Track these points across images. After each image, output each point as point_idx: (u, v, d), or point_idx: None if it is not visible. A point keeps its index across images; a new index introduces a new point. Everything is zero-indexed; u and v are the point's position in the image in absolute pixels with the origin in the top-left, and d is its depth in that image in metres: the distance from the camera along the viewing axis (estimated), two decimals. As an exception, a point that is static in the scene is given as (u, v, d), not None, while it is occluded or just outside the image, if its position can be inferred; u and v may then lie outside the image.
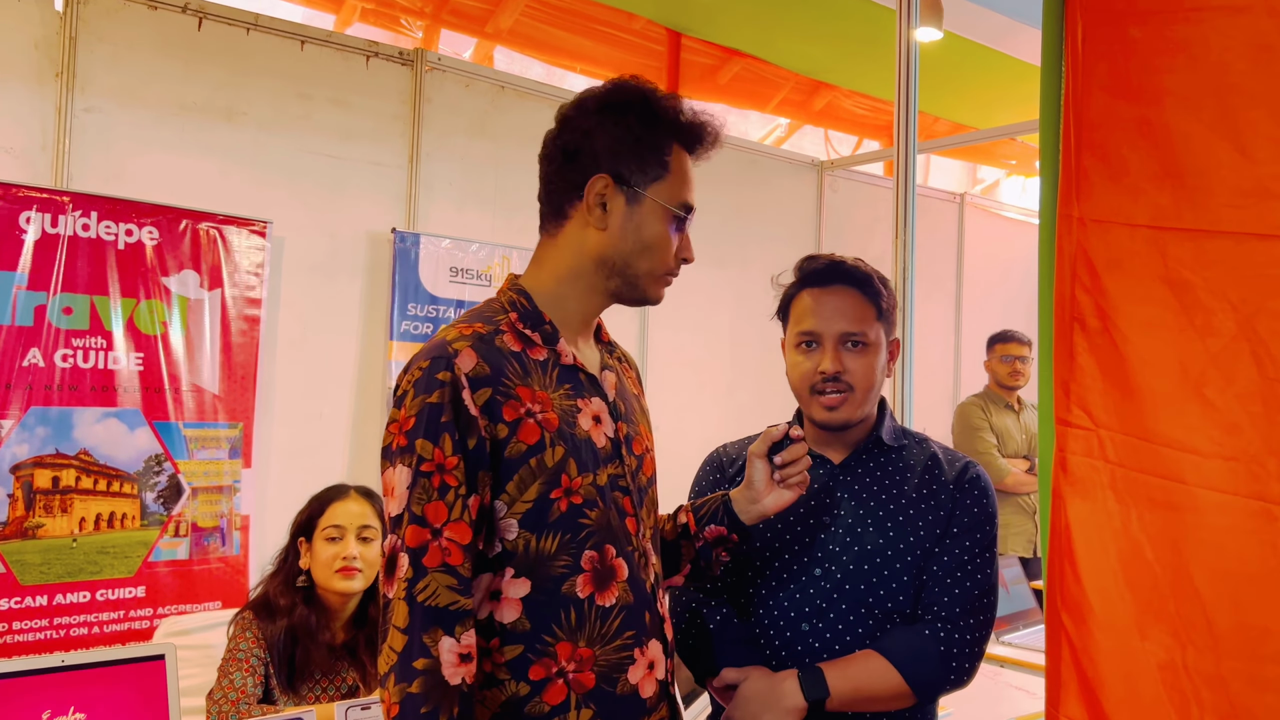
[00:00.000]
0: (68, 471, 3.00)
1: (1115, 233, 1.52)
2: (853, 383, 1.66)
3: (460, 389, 1.25)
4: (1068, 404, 1.57)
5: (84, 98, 3.20)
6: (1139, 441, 1.48)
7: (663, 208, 1.38)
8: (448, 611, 1.21)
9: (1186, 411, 1.42)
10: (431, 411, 1.24)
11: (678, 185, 1.40)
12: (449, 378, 1.25)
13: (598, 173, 1.36)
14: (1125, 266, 1.51)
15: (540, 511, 1.29)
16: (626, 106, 1.37)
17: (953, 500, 1.68)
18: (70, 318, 3.02)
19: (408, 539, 1.21)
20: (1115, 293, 1.52)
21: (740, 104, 5.55)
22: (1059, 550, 1.57)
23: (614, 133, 1.36)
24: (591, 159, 1.36)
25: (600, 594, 1.32)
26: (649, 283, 1.42)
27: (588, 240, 1.38)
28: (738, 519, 1.58)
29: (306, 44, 3.62)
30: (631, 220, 1.37)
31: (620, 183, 1.36)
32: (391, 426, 1.27)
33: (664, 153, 1.39)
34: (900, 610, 1.62)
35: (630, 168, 1.36)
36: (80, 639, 3.00)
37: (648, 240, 1.38)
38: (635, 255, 1.38)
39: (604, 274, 1.39)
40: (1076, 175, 1.57)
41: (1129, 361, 1.50)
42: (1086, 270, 1.56)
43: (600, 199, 1.36)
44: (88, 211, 3.04)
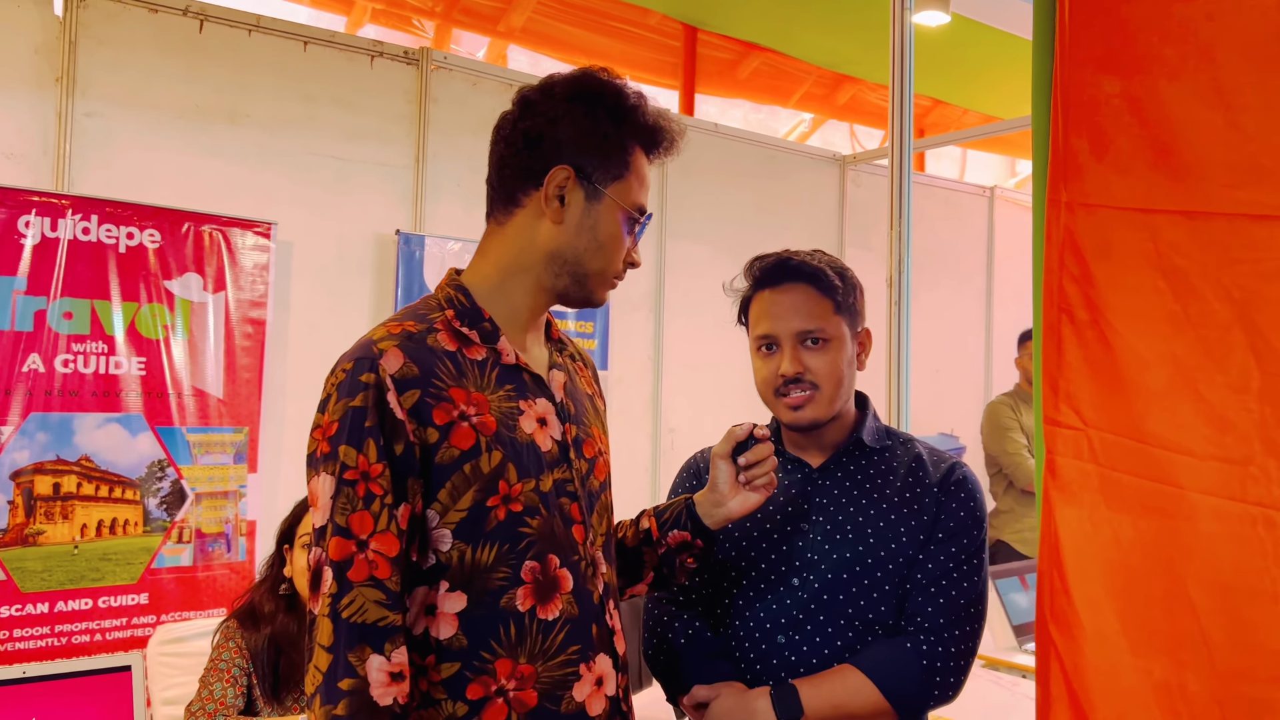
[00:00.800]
0: (69, 478, 2.99)
1: (1104, 217, 1.43)
2: (816, 381, 1.58)
3: (385, 391, 1.18)
4: (1056, 402, 1.47)
5: (85, 102, 3.20)
6: (1129, 442, 1.38)
7: (620, 208, 1.32)
8: (375, 628, 1.14)
9: (1179, 409, 1.32)
10: (354, 416, 1.17)
11: (636, 187, 1.34)
12: (373, 380, 1.18)
13: (560, 163, 1.29)
14: (1114, 253, 1.41)
15: (476, 521, 1.22)
16: (597, 99, 1.31)
17: (937, 504, 1.59)
18: (71, 322, 3.01)
19: (331, 551, 1.15)
20: (1104, 281, 1.42)
21: (761, 99, 5.46)
22: (1048, 560, 1.48)
23: (582, 125, 1.29)
24: (555, 148, 1.29)
25: (542, 607, 1.25)
26: (597, 283, 1.35)
27: (540, 232, 1.32)
28: (701, 523, 1.50)
29: (310, 44, 3.60)
30: (589, 217, 1.31)
31: (582, 177, 1.30)
32: (315, 433, 1.20)
33: (627, 152, 1.32)
34: (882, 622, 1.54)
35: (594, 163, 1.30)
36: (82, 646, 2.99)
37: (603, 239, 1.32)
38: (588, 254, 1.32)
39: (553, 270, 1.33)
40: (1064, 157, 1.48)
41: (1118, 355, 1.40)
42: (1074, 258, 1.46)
43: (560, 191, 1.30)
44: (88, 215, 3.04)
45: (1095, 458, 1.41)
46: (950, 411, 5.37)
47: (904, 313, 2.13)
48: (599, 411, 1.50)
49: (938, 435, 5.10)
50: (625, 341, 4.37)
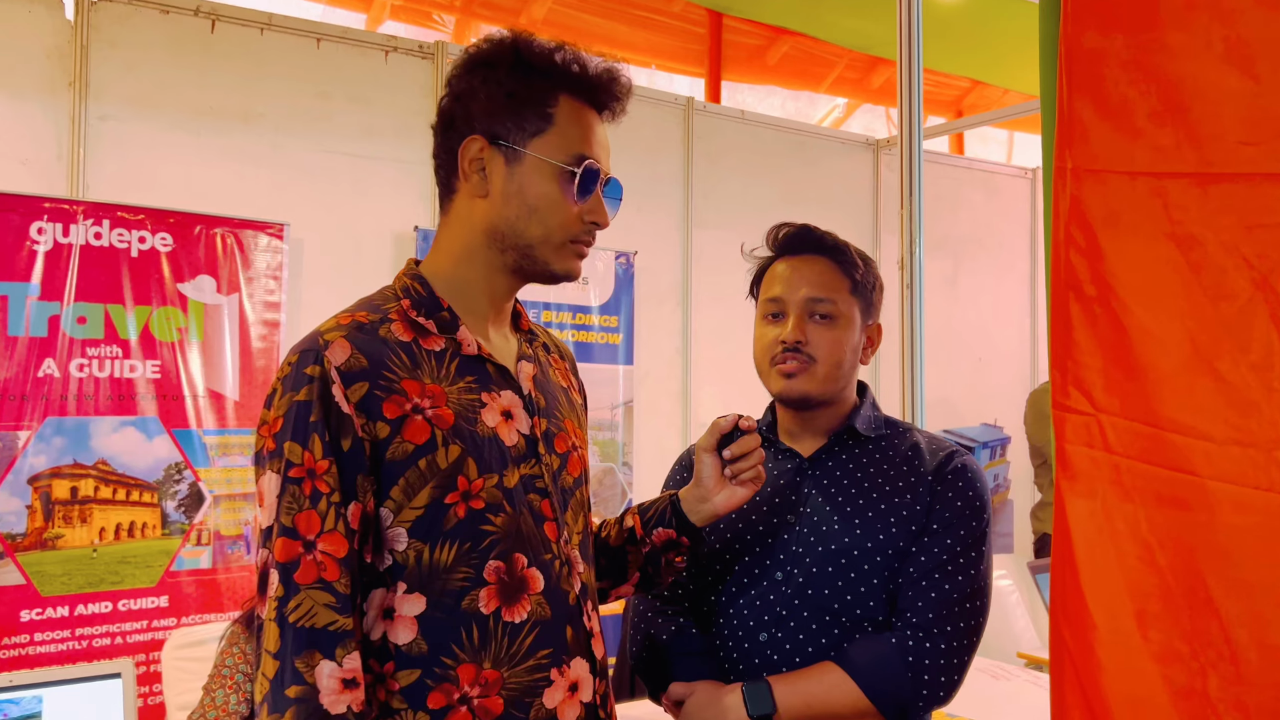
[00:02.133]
0: (86, 481, 2.98)
1: (1112, 183, 1.31)
2: (815, 354, 1.50)
3: (330, 384, 1.11)
4: (1065, 385, 1.37)
5: (98, 106, 3.20)
6: (1143, 427, 1.27)
7: (547, 164, 1.23)
8: (325, 633, 1.07)
9: (1196, 390, 1.21)
10: (299, 410, 1.10)
11: (567, 138, 1.24)
12: (318, 372, 1.12)
13: (471, 134, 1.22)
14: (1124, 222, 1.30)
15: (433, 519, 1.15)
16: (495, 60, 1.24)
17: (932, 493, 1.49)
18: (84, 327, 3.00)
19: (278, 553, 1.08)
20: (1113, 253, 1.31)
21: (792, 85, 5.34)
22: (1061, 556, 1.37)
23: (484, 90, 1.23)
24: (465, 122, 1.23)
25: (508, 609, 1.18)
26: (547, 252, 1.26)
27: (474, 212, 1.25)
28: (687, 520, 1.43)
29: (323, 41, 3.57)
30: (513, 181, 1.23)
31: (496, 142, 1.23)
32: (261, 429, 1.14)
33: (545, 104, 1.24)
34: (871, 618, 1.45)
35: (505, 125, 1.23)
36: (103, 650, 2.98)
37: (533, 202, 1.23)
38: (523, 221, 1.24)
39: (496, 248, 1.25)
40: (1069, 119, 1.37)
41: (1130, 333, 1.29)
42: (1081, 229, 1.35)
43: (478, 164, 1.23)
44: (99, 220, 3.03)
45: (1107, 445, 1.30)
46: (994, 401, 5.21)
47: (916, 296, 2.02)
48: (575, 405, 1.42)
49: (980, 425, 4.94)
50: (652, 335, 4.28)
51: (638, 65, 4.98)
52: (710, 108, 4.55)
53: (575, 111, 1.26)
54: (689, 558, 1.48)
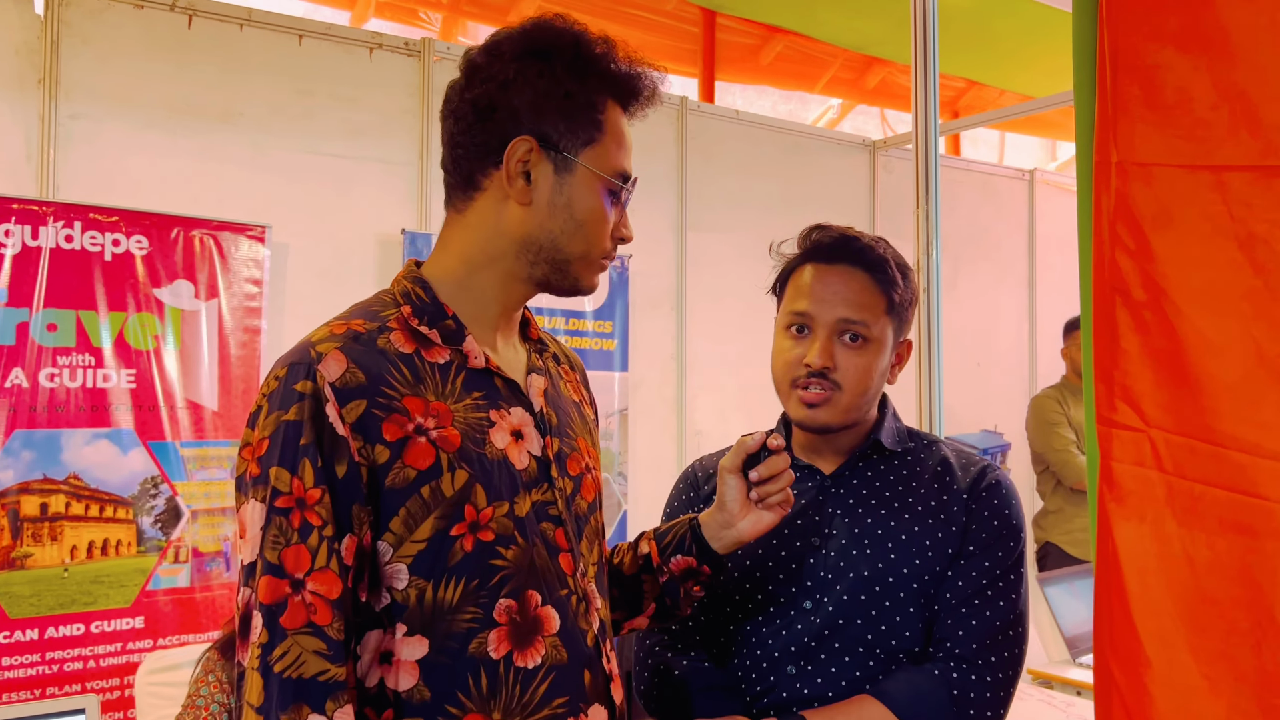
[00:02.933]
0: (57, 497, 2.85)
1: (1165, 177, 1.20)
2: (841, 382, 1.39)
3: (324, 402, 1.00)
4: (1110, 399, 1.25)
5: (69, 104, 3.07)
6: (1202, 445, 1.16)
7: (598, 177, 1.13)
8: (315, 684, 0.96)
9: (1263, 404, 1.10)
10: (288, 431, 0.99)
11: (614, 150, 1.15)
12: (309, 389, 1.00)
13: (520, 134, 1.10)
14: (1179, 220, 1.19)
15: (437, 553, 1.04)
16: (552, 52, 1.11)
17: (967, 512, 1.39)
18: (55, 335, 2.87)
19: (261, 593, 0.97)
20: (1166, 255, 1.20)
21: (786, 85, 5.24)
22: (1107, 584, 1.25)
23: (538, 85, 1.10)
24: (511, 117, 1.10)
25: (520, 653, 1.07)
26: (582, 268, 1.16)
27: (507, 217, 1.13)
28: (709, 547, 1.31)
29: (305, 38, 3.45)
30: (562, 193, 1.12)
31: (547, 147, 1.11)
32: (244, 451, 1.03)
33: (597, 110, 1.13)
34: (907, 649, 1.34)
35: (559, 128, 1.11)
36: (75, 674, 2.85)
37: (581, 217, 1.13)
38: (567, 236, 1.13)
39: (527, 258, 1.14)
40: (1114, 107, 1.25)
41: (1187, 342, 1.17)
42: (1128, 228, 1.23)
43: (523, 166, 1.11)
44: (70, 222, 2.90)
45: (1160, 464, 1.19)
46: (993, 407, 5.12)
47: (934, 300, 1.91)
48: (588, 421, 1.30)
49: (980, 432, 4.85)
50: (646, 341, 4.17)
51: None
52: (704, 107, 4.44)
53: (618, 120, 1.16)
54: (707, 589, 1.36)
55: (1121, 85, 1.22)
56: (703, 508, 1.49)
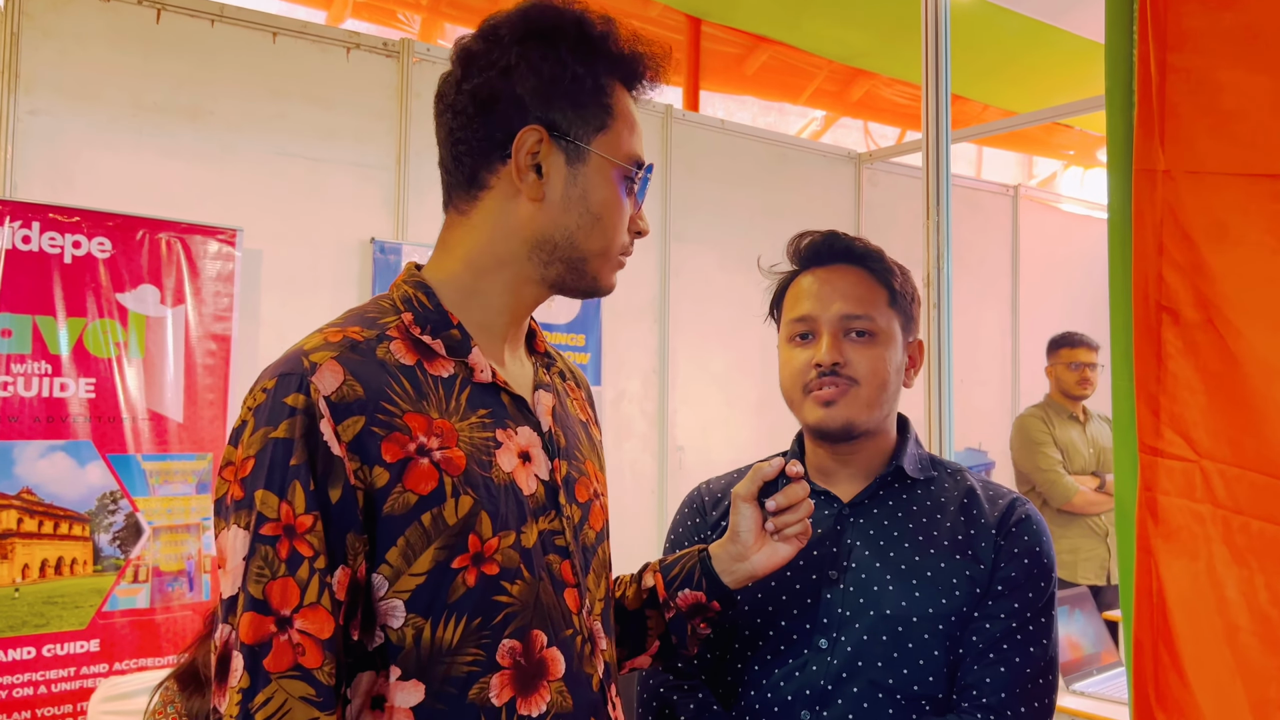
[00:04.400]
0: (8, 513, 2.69)
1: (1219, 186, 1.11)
2: (856, 376, 1.30)
3: (317, 418, 0.90)
4: (1156, 426, 1.16)
5: (29, 99, 2.92)
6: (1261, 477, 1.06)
7: (613, 165, 1.04)
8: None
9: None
10: (276, 450, 0.89)
11: (625, 134, 1.06)
12: (302, 403, 0.90)
13: (527, 124, 1.01)
14: (1235, 233, 1.10)
15: (436, 587, 0.93)
16: (555, 33, 1.03)
17: (996, 549, 1.30)
18: (9, 341, 2.72)
19: (243, 632, 0.86)
20: (1221, 270, 1.11)
21: (770, 95, 5.17)
22: (1150, 626, 1.16)
23: (542, 69, 1.01)
24: (515, 107, 1.01)
25: (524, 699, 0.97)
26: (600, 266, 1.07)
27: (517, 214, 1.04)
28: (719, 581, 1.21)
29: (279, 36, 3.32)
30: (576, 185, 1.03)
31: (558, 136, 1.02)
32: (225, 471, 0.92)
33: (605, 94, 1.04)
34: (929, 695, 1.25)
35: (568, 115, 1.02)
36: (24, 700, 2.69)
37: (597, 209, 1.04)
38: (583, 232, 1.04)
39: (541, 258, 1.05)
40: (1160, 112, 1.16)
41: (1243, 365, 1.08)
42: (1178, 241, 1.14)
43: (533, 159, 1.02)
44: (28, 222, 2.75)
45: (1213, 497, 1.10)
46: (976, 425, 5.06)
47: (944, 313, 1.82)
48: (595, 443, 1.20)
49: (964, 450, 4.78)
50: (626, 354, 4.07)
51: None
52: (689, 116, 4.35)
53: (625, 102, 1.07)
54: (716, 626, 1.26)
55: (1169, 88, 1.13)
56: (711, 535, 1.39)
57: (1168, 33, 1.14)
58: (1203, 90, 1.11)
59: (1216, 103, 1.10)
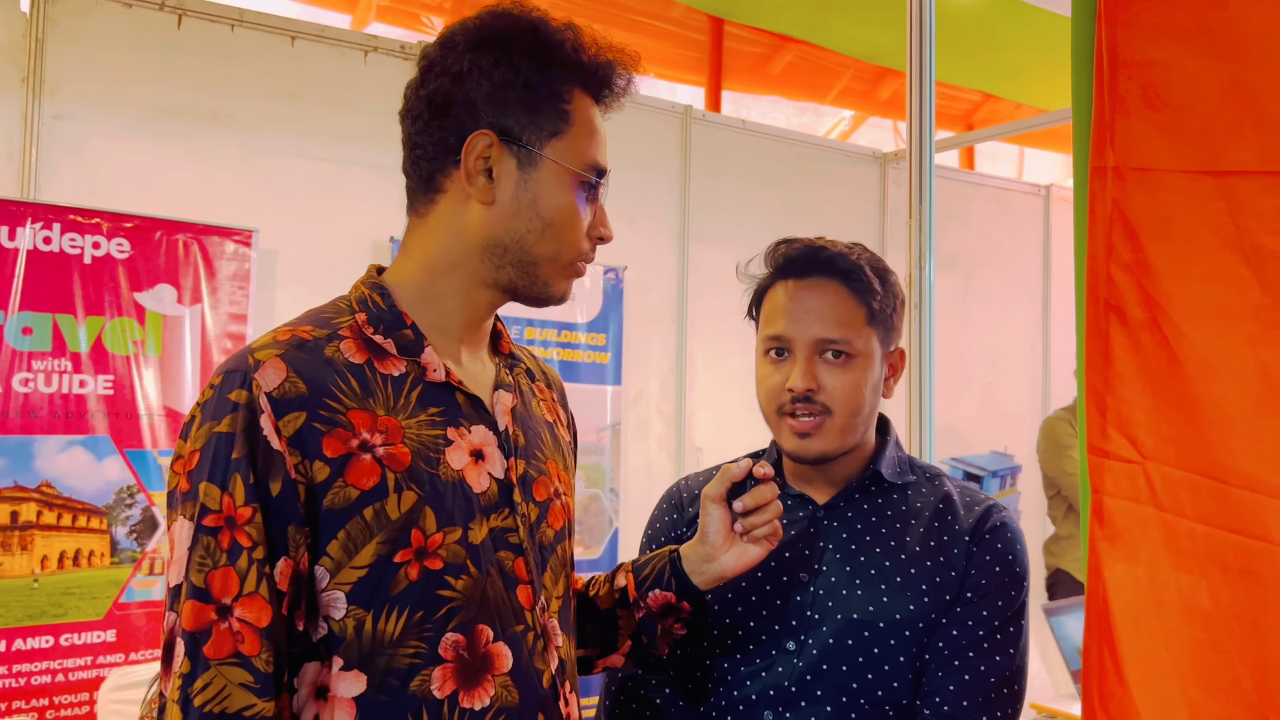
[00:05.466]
0: (28, 505, 2.77)
1: (1165, 183, 1.09)
2: (830, 404, 1.29)
3: (258, 413, 0.93)
4: (1103, 427, 1.14)
5: (53, 103, 3.01)
6: (1202, 480, 1.04)
7: (567, 171, 1.06)
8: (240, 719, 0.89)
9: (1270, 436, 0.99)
10: (219, 444, 0.93)
11: (583, 141, 1.07)
12: (244, 399, 0.94)
13: (478, 129, 1.03)
14: (1180, 231, 1.08)
15: (378, 581, 0.96)
16: (509, 40, 1.05)
17: (968, 556, 1.29)
18: (30, 339, 2.80)
19: (185, 619, 0.90)
20: (1165, 268, 1.09)
21: (796, 95, 5.15)
22: (1095, 630, 1.14)
23: (495, 75, 1.04)
24: (468, 111, 1.04)
25: (466, 692, 0.99)
26: (553, 273, 1.09)
27: (469, 218, 1.06)
28: (689, 582, 1.22)
29: (298, 40, 3.38)
30: (527, 189, 1.05)
31: (508, 140, 1.04)
32: (175, 464, 0.96)
33: (562, 100, 1.06)
34: (894, 701, 1.24)
35: (520, 120, 1.04)
36: (43, 688, 2.77)
37: (548, 215, 1.06)
38: (534, 235, 1.06)
39: (492, 262, 1.07)
40: (1111, 108, 1.14)
41: (1186, 365, 1.06)
42: (1125, 239, 1.13)
43: (484, 164, 1.04)
44: (49, 223, 2.83)
45: (1156, 500, 1.08)
46: (1004, 428, 4.99)
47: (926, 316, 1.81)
48: (561, 443, 1.21)
49: (990, 453, 4.72)
50: (645, 354, 4.08)
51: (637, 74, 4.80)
52: (709, 116, 4.35)
53: (587, 109, 1.08)
54: (689, 627, 1.27)
55: (1120, 83, 1.12)
56: (686, 533, 1.39)
57: (1119, 26, 1.12)
58: (1152, 85, 1.09)
59: (1165, 98, 1.08)
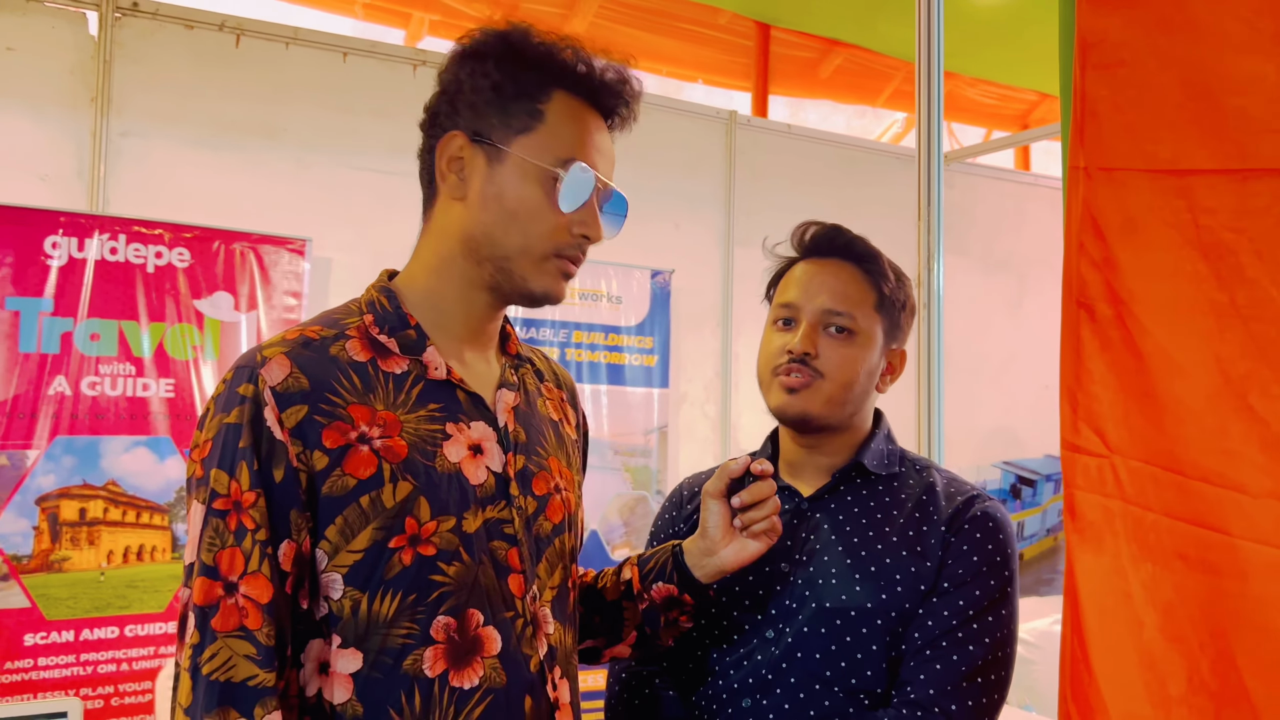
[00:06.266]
0: (95, 502, 2.92)
1: (1129, 183, 1.12)
2: (824, 370, 1.33)
3: (263, 406, 1.01)
4: (1075, 422, 1.17)
5: (120, 121, 3.17)
6: (1163, 473, 1.07)
7: (532, 165, 1.10)
8: (243, 688, 0.96)
9: (1227, 430, 1.01)
10: (228, 434, 1.01)
11: (558, 138, 1.11)
12: (250, 392, 1.02)
13: (452, 129, 1.11)
14: (1144, 229, 1.10)
15: (373, 564, 1.03)
16: (486, 51, 1.13)
17: (944, 546, 1.31)
18: (97, 344, 2.95)
19: (196, 594, 0.99)
20: (1130, 266, 1.11)
21: (846, 99, 5.14)
22: (1068, 622, 1.17)
23: (473, 82, 1.11)
24: (449, 117, 1.12)
25: (456, 672, 1.05)
26: (526, 266, 1.13)
27: (450, 217, 1.13)
28: (690, 575, 1.27)
29: (349, 55, 3.50)
30: (493, 184, 1.11)
31: (479, 139, 1.11)
32: (193, 453, 1.05)
33: (536, 99, 1.11)
34: (868, 690, 1.26)
35: (490, 121, 1.11)
36: (109, 676, 2.91)
37: (513, 206, 1.10)
38: (501, 228, 1.11)
39: (473, 259, 1.13)
40: (1081, 110, 1.17)
41: (1150, 361, 1.09)
42: (1094, 237, 1.15)
43: (457, 163, 1.11)
44: (115, 235, 2.98)
45: (1123, 493, 1.10)
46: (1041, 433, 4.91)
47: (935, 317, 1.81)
48: (566, 441, 1.27)
49: (1044, 457, 4.65)
50: (690, 358, 4.12)
51: (683, 79, 4.84)
52: (755, 121, 4.38)
53: (572, 111, 1.12)
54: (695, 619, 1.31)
55: (1090, 84, 1.14)
56: (683, 529, 1.44)
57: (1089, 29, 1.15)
58: (1118, 86, 1.11)
59: (1129, 99, 1.10)
